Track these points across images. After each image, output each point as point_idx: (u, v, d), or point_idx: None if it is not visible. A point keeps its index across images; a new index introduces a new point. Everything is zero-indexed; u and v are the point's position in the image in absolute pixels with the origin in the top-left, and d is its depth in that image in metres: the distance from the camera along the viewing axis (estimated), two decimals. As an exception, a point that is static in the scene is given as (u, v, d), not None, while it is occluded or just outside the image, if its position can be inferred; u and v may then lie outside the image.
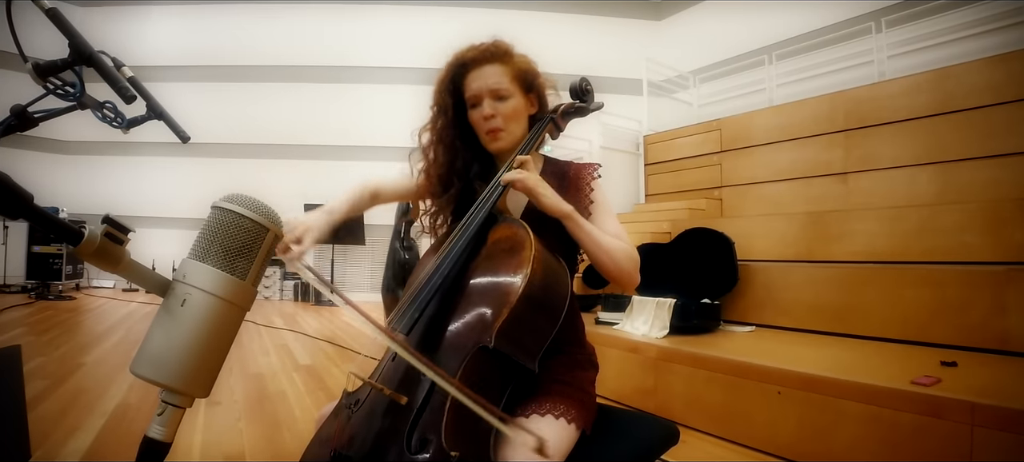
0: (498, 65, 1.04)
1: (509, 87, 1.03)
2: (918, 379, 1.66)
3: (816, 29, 5.17)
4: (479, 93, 1.04)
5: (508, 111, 1.04)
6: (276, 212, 0.63)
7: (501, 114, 1.04)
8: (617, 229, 1.03)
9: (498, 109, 1.03)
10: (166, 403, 0.57)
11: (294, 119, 7.27)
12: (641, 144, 5.41)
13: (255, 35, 7.34)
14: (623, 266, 0.99)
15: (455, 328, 0.84)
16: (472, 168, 1.09)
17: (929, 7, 4.25)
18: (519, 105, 1.06)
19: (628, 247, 1.01)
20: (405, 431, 0.75)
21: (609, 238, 0.99)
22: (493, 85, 1.03)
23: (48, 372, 2.72)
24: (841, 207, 3.65)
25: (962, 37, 4.02)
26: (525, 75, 1.06)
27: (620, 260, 0.98)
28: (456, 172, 1.08)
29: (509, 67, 1.04)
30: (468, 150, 1.09)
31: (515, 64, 1.05)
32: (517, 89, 1.05)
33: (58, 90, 0.88)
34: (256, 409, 2.34)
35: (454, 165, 1.08)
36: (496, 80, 1.03)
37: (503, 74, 1.03)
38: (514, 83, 1.04)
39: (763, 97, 5.29)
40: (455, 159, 1.08)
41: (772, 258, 3.08)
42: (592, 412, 0.97)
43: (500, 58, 1.04)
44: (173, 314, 0.56)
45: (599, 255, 0.98)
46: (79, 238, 0.51)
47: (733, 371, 2.08)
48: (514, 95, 1.04)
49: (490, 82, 1.03)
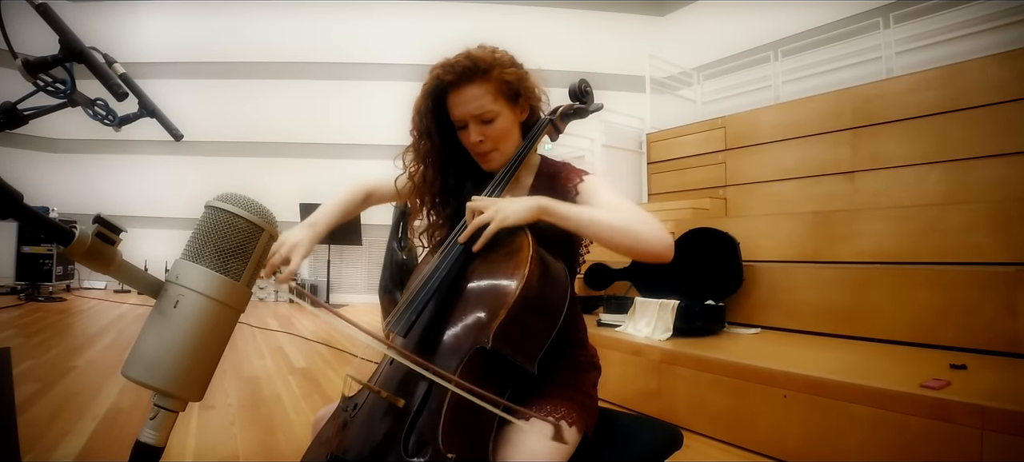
0: (478, 85, 0.98)
1: (493, 107, 0.99)
2: (927, 382, 1.66)
3: (822, 25, 5.17)
4: (463, 119, 1.00)
5: (497, 133, 1.01)
6: (271, 212, 0.63)
7: (490, 137, 1.01)
8: (615, 200, 0.96)
9: (486, 133, 1.00)
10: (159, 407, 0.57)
11: (290, 117, 7.27)
12: (644, 142, 5.41)
13: (250, 31, 7.34)
14: (637, 230, 0.89)
15: (453, 330, 0.84)
16: (466, 186, 1.08)
17: (938, 3, 4.25)
18: (507, 121, 1.02)
19: (637, 212, 0.93)
20: (402, 434, 0.75)
21: (604, 211, 0.93)
22: (475, 111, 0.99)
23: (38, 375, 2.71)
24: (848, 206, 3.65)
25: (971, 33, 4.02)
26: (509, 86, 1.00)
27: (631, 225, 0.90)
28: (450, 191, 1.08)
29: (491, 84, 0.99)
30: (460, 168, 1.08)
31: (497, 78, 0.99)
32: (503, 105, 1.01)
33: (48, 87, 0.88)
34: (251, 413, 2.34)
35: (447, 185, 1.08)
36: (478, 104, 0.98)
37: (485, 94, 0.98)
38: (499, 101, 1.00)
39: (768, 94, 5.30)
40: (447, 179, 1.07)
41: (778, 259, 3.08)
42: (594, 415, 0.97)
43: (480, 75, 0.98)
44: (166, 316, 0.56)
45: (598, 231, 0.90)
46: (70, 238, 0.51)
47: (738, 374, 2.08)
48: (501, 113, 1.00)
49: (472, 108, 0.99)
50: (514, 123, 1.05)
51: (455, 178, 1.08)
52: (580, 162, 1.29)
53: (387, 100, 6.82)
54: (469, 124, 1.01)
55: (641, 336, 2.64)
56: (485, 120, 1.00)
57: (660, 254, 0.90)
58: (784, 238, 3.15)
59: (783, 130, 4.28)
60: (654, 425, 1.08)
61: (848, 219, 2.93)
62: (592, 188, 1.02)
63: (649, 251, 0.90)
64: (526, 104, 1.06)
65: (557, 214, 0.90)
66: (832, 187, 3.91)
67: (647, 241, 0.90)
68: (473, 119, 1.00)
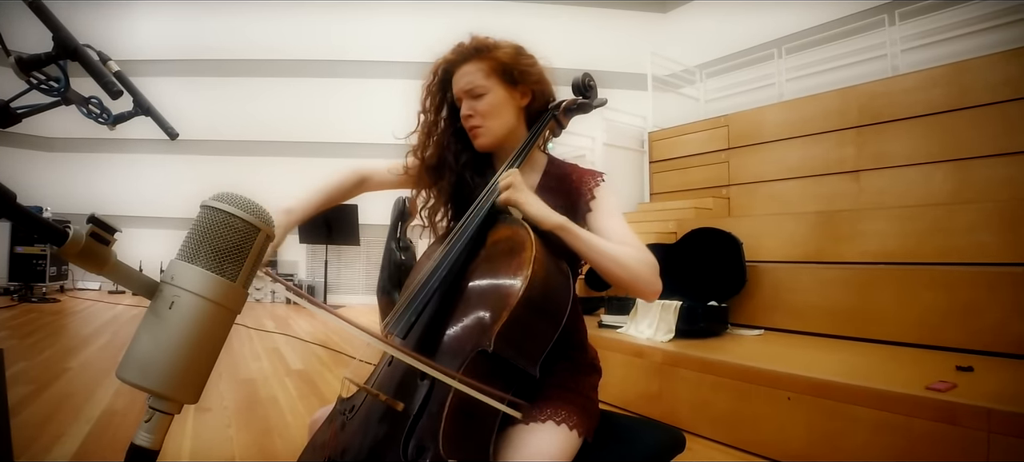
0: (473, 62, 1.04)
1: (484, 83, 1.04)
2: (933, 384, 1.66)
3: (827, 22, 5.17)
4: (459, 96, 1.06)
5: (484, 108, 1.04)
6: (268, 211, 0.63)
7: (478, 112, 1.04)
8: (624, 234, 1.00)
9: (475, 107, 1.04)
10: (154, 409, 0.57)
11: (287, 115, 7.27)
12: (646, 141, 5.41)
13: (247, 28, 7.34)
14: (637, 272, 0.94)
15: (453, 331, 0.84)
16: (461, 158, 1.10)
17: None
18: (498, 99, 1.05)
19: (641, 252, 0.96)
20: (402, 438, 0.75)
21: (614, 245, 0.96)
22: (466, 85, 1.04)
23: (31, 377, 2.71)
24: (853, 206, 3.65)
25: (978, 30, 4.02)
26: (505, 67, 1.04)
27: (632, 266, 0.94)
28: (447, 164, 1.10)
29: (485, 62, 1.04)
30: (458, 143, 1.11)
31: (493, 57, 1.04)
32: (496, 83, 1.05)
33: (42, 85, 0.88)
34: (247, 415, 2.34)
35: (443, 156, 1.10)
36: (469, 79, 1.04)
37: (477, 70, 1.04)
38: (491, 77, 1.04)
39: (772, 92, 5.29)
40: (445, 152, 1.10)
41: (781, 259, 3.08)
42: (595, 419, 0.97)
43: (476, 55, 1.05)
44: (161, 317, 0.56)
45: (604, 264, 0.94)
46: (63, 238, 0.51)
47: (741, 376, 2.08)
48: (491, 90, 1.04)
49: (463, 83, 1.05)
50: (507, 102, 1.07)
51: (453, 153, 1.11)
52: (581, 161, 1.29)
53: (386, 98, 6.80)
54: (462, 100, 1.06)
55: (643, 338, 2.64)
56: (475, 95, 1.04)
57: (648, 294, 0.97)
58: (788, 238, 3.15)
59: (787, 129, 4.27)
60: (656, 428, 1.08)
61: (853, 219, 2.93)
62: (606, 206, 1.04)
63: (642, 290, 0.96)
64: (527, 89, 1.08)
65: (572, 239, 0.94)
66: (836, 186, 3.91)
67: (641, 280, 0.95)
68: (465, 94, 1.05)
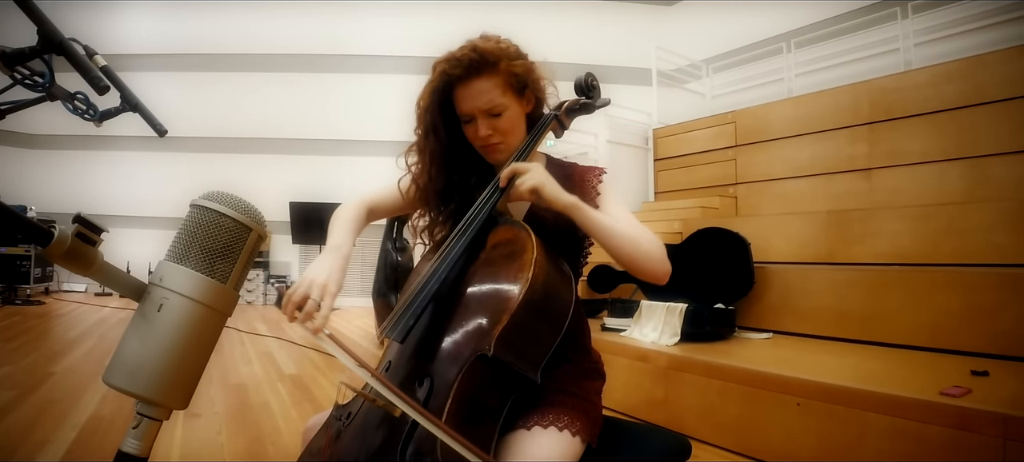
0: (487, 78, 0.99)
1: (502, 100, 1.00)
2: (947, 390, 1.66)
3: (838, 15, 5.17)
4: (471, 113, 1.02)
5: (505, 125, 1.03)
6: (260, 211, 0.63)
7: (499, 130, 1.02)
8: (633, 220, 1.01)
9: (495, 126, 1.02)
10: (142, 415, 0.57)
11: (280, 111, 7.27)
12: (650, 138, 5.42)
13: (238, 21, 7.34)
14: (648, 250, 0.96)
15: (452, 336, 0.84)
16: (470, 180, 1.09)
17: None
18: (515, 114, 1.04)
19: (651, 234, 0.98)
20: (399, 446, 0.75)
21: (624, 225, 0.98)
22: (484, 105, 1.00)
23: (15, 382, 2.71)
24: (864, 205, 3.65)
25: (993, 24, 4.01)
26: (517, 79, 1.02)
27: (644, 244, 0.96)
28: (455, 187, 1.08)
29: (499, 77, 1.00)
30: (465, 164, 1.09)
31: (505, 70, 1.00)
32: (511, 98, 1.02)
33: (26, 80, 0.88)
34: (238, 421, 2.34)
35: (452, 181, 1.08)
36: (487, 98, 1.00)
37: (494, 88, 1.00)
38: (507, 93, 1.01)
39: (781, 87, 5.29)
40: (452, 175, 1.08)
41: (791, 260, 3.08)
42: (598, 424, 0.97)
43: (488, 68, 0.99)
44: (149, 320, 0.56)
45: (618, 243, 0.95)
46: (49, 238, 0.51)
47: (749, 381, 2.08)
48: (509, 106, 1.02)
49: (481, 102, 1.00)
50: (521, 115, 1.06)
51: (460, 175, 1.09)
52: (583, 159, 1.29)
53: (383, 94, 6.83)
54: (477, 118, 1.02)
55: (647, 341, 2.64)
56: (494, 114, 1.01)
57: (661, 275, 0.98)
58: (797, 238, 3.15)
59: (796, 125, 4.27)
60: (661, 434, 1.08)
61: (864, 218, 2.93)
62: (612, 198, 1.06)
63: (654, 270, 0.97)
64: (532, 96, 1.07)
65: (585, 219, 0.95)
66: (848, 185, 3.91)
67: (654, 260, 0.97)
68: (481, 113, 1.01)
